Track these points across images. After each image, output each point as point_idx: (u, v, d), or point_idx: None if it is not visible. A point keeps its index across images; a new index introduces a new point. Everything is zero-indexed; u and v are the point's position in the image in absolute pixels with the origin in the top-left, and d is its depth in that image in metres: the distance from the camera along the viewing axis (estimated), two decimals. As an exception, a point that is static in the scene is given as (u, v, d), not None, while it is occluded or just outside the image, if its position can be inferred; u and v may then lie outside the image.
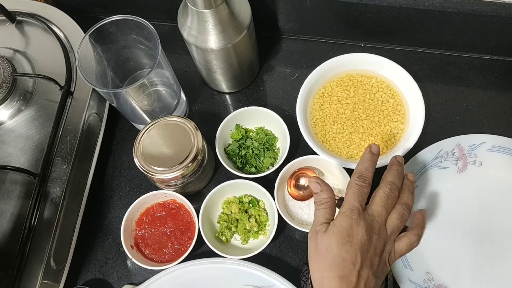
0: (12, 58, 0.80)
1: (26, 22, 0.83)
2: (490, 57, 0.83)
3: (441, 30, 0.79)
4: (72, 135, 0.74)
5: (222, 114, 0.81)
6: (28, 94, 0.78)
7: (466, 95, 0.80)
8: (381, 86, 0.77)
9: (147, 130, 0.70)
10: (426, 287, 0.69)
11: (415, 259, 0.70)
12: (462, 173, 0.74)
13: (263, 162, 0.76)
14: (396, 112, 0.76)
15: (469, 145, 0.74)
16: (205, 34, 0.69)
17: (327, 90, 0.78)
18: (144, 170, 0.68)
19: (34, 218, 0.69)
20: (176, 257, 0.71)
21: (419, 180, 0.73)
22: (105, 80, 0.75)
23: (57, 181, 0.72)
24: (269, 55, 0.87)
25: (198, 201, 0.75)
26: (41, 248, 0.68)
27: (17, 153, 0.74)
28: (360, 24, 0.81)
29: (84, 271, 0.76)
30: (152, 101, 0.75)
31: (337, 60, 0.77)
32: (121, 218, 0.72)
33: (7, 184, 0.72)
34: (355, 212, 0.56)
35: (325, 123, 0.76)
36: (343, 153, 0.74)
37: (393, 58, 0.76)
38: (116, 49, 0.74)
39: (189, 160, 0.68)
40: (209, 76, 0.80)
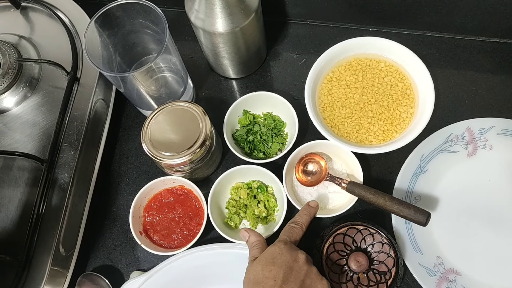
0: (17, 44, 0.80)
1: (31, 8, 0.83)
2: (500, 41, 0.82)
3: (450, 13, 0.78)
4: (79, 121, 0.74)
5: (229, 100, 0.81)
6: (34, 81, 0.78)
7: (476, 79, 0.80)
8: (390, 70, 0.77)
9: (154, 116, 0.69)
10: (437, 271, 0.68)
11: (425, 243, 0.70)
12: (472, 157, 0.74)
13: (271, 147, 0.76)
14: (405, 96, 0.75)
15: (479, 128, 0.74)
16: (212, 17, 0.68)
17: (335, 74, 0.77)
18: (152, 155, 0.68)
19: (43, 205, 0.69)
20: (185, 242, 0.71)
21: (429, 165, 0.73)
22: (112, 66, 0.74)
23: (65, 167, 0.72)
24: (276, 40, 0.86)
25: (206, 187, 0.75)
26: (49, 234, 0.68)
27: (24, 140, 0.74)
28: (368, 7, 0.80)
29: (93, 258, 0.76)
30: (159, 86, 0.75)
31: (346, 44, 0.76)
32: (129, 205, 0.72)
33: (14, 170, 0.72)
34: (281, 242, 0.61)
35: (334, 108, 0.76)
36: (352, 137, 0.74)
37: (401, 42, 0.75)
38: (122, 34, 0.73)
39: (198, 146, 0.67)
40: (216, 61, 0.79)
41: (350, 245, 0.68)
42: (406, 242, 0.70)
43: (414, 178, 0.73)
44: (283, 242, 0.61)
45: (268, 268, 0.57)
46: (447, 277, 0.68)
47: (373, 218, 0.73)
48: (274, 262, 0.58)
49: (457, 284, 0.68)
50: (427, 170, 0.73)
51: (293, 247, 0.60)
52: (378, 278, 0.66)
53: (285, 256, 0.58)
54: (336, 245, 0.67)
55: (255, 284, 0.57)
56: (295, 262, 0.58)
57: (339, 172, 0.75)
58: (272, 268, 0.57)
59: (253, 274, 0.58)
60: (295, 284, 0.56)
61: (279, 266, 0.57)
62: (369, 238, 0.67)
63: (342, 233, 0.68)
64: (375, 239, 0.67)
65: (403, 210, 0.64)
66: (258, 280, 0.57)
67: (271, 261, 0.58)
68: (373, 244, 0.67)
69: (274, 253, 0.59)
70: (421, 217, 0.63)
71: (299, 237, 0.63)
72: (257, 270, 0.58)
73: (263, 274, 0.57)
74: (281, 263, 0.58)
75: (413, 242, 0.70)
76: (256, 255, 0.62)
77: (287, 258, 0.58)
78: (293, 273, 0.57)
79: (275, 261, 0.58)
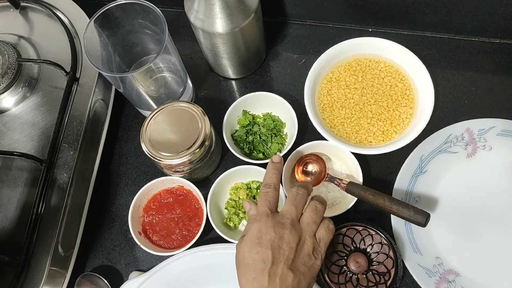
0: (16, 44, 0.79)
1: (30, 7, 0.83)
2: (500, 41, 0.82)
3: (450, 14, 0.78)
4: (78, 121, 0.74)
5: (229, 100, 0.81)
6: (33, 81, 0.78)
7: (476, 80, 0.80)
8: (390, 70, 0.77)
9: (154, 116, 0.69)
10: (436, 272, 0.68)
11: (425, 244, 0.70)
12: (472, 157, 0.74)
13: (271, 148, 0.76)
14: (405, 97, 0.75)
15: (479, 129, 0.74)
16: (212, 18, 0.68)
17: (335, 75, 0.77)
18: (151, 155, 0.67)
19: (42, 205, 0.69)
20: (184, 243, 0.71)
21: (428, 165, 0.73)
22: (111, 66, 0.74)
23: (64, 168, 0.71)
24: (276, 40, 0.86)
25: (205, 187, 0.75)
26: (48, 235, 0.68)
27: (23, 140, 0.74)
28: (368, 8, 0.80)
29: (92, 258, 0.76)
30: (158, 86, 0.75)
31: (345, 44, 0.76)
32: (128, 205, 0.72)
33: (13, 170, 0.72)
34: (263, 215, 0.58)
35: (333, 108, 0.76)
36: (352, 138, 0.74)
37: (401, 42, 0.75)
38: (122, 34, 0.73)
39: (197, 146, 0.67)
40: (216, 61, 0.79)
41: (349, 246, 0.67)
42: (405, 242, 0.70)
43: (413, 179, 0.73)
44: (265, 214, 0.58)
45: (255, 250, 0.56)
46: (446, 278, 0.68)
47: (373, 218, 0.73)
48: (260, 243, 0.56)
49: (456, 285, 0.68)
50: (426, 171, 0.73)
51: (276, 220, 0.58)
52: (377, 279, 0.66)
53: (270, 234, 0.56)
54: (335, 246, 0.67)
55: (245, 266, 0.56)
56: (281, 240, 0.56)
57: (338, 172, 0.75)
58: (258, 249, 0.55)
59: (241, 255, 0.57)
60: (285, 265, 0.55)
61: (265, 247, 0.55)
62: (368, 239, 0.67)
63: (341, 234, 0.68)
64: (374, 239, 0.67)
65: (402, 211, 0.64)
66: (247, 263, 0.56)
67: (256, 241, 0.56)
68: (372, 244, 0.67)
69: (260, 232, 0.57)
70: (421, 217, 0.63)
71: (276, 199, 0.61)
72: (245, 251, 0.56)
73: (250, 256, 0.56)
74: (267, 243, 0.56)
75: (412, 242, 0.70)
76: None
77: (272, 237, 0.56)
78: (281, 252, 0.55)
79: (261, 242, 0.56)
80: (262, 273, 0.54)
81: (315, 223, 0.59)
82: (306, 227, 0.58)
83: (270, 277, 0.54)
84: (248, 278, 0.55)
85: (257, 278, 0.54)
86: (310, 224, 0.59)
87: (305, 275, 0.56)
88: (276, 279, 0.54)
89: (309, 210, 0.60)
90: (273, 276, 0.54)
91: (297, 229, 0.58)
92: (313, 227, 0.59)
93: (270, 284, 0.54)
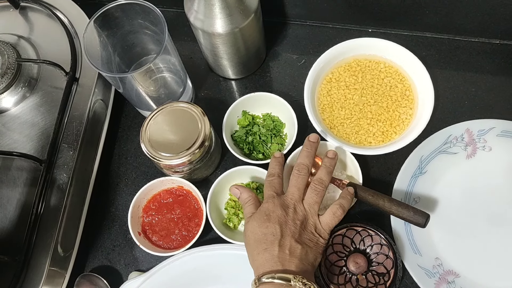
0: (16, 44, 0.79)
1: (30, 7, 0.83)
2: (500, 42, 0.82)
3: (450, 14, 0.78)
4: (78, 121, 0.74)
5: (229, 101, 0.81)
6: (33, 81, 0.78)
7: (475, 80, 0.80)
8: (390, 71, 0.77)
9: (153, 116, 0.69)
10: (436, 272, 0.68)
11: (424, 245, 0.70)
12: (471, 158, 0.73)
13: (270, 148, 0.76)
14: (404, 98, 0.75)
15: (479, 130, 0.74)
16: (212, 18, 0.68)
17: (334, 75, 0.77)
18: (151, 156, 0.67)
19: (41, 205, 0.69)
20: (183, 243, 0.71)
21: (428, 166, 0.73)
22: (111, 66, 0.74)
23: (63, 168, 0.71)
24: (276, 41, 0.86)
25: (205, 187, 0.75)
26: (48, 235, 0.68)
27: (22, 140, 0.74)
28: (368, 8, 0.80)
29: (91, 258, 0.76)
30: (158, 87, 0.75)
31: (345, 45, 0.76)
32: (128, 205, 0.72)
33: (13, 171, 0.72)
34: (270, 198, 0.63)
35: (333, 109, 0.76)
36: (351, 138, 0.74)
37: (401, 43, 0.75)
38: (121, 34, 0.73)
39: (196, 146, 0.67)
40: (216, 62, 0.79)
41: (349, 247, 0.67)
42: (405, 243, 0.70)
43: (413, 179, 0.73)
44: (272, 197, 0.63)
45: (265, 225, 0.60)
46: (446, 278, 0.68)
47: (372, 219, 0.73)
48: (268, 219, 0.61)
49: (456, 286, 0.68)
50: (426, 171, 0.73)
51: (282, 201, 0.62)
52: (376, 279, 0.65)
53: (278, 211, 0.61)
54: (335, 246, 0.67)
55: (256, 242, 0.60)
56: (287, 217, 0.61)
57: (338, 173, 0.74)
58: (268, 224, 0.60)
59: (251, 232, 0.61)
60: (292, 238, 0.60)
61: (274, 222, 0.60)
62: (368, 240, 0.67)
63: (340, 234, 0.68)
64: (374, 240, 0.67)
65: (402, 212, 0.64)
66: (258, 238, 0.60)
67: (265, 218, 0.61)
68: (372, 245, 0.67)
69: (268, 210, 0.61)
70: (420, 218, 0.63)
71: (281, 185, 0.65)
72: (254, 227, 0.61)
73: (260, 231, 0.60)
74: (275, 219, 0.60)
75: (412, 243, 0.70)
76: (252, 210, 0.63)
77: (279, 214, 0.61)
78: (288, 227, 0.60)
79: (270, 218, 0.61)
80: (273, 244, 0.59)
81: (317, 203, 0.63)
82: (308, 207, 0.63)
83: (281, 247, 0.59)
84: (259, 250, 0.59)
85: (268, 249, 0.59)
86: (312, 204, 0.63)
87: (311, 249, 0.61)
88: (286, 250, 0.59)
89: (310, 191, 0.64)
90: (283, 247, 0.59)
91: (301, 209, 0.63)
92: (315, 207, 0.63)
93: (280, 253, 0.58)
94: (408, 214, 0.64)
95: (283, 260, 0.58)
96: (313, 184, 0.64)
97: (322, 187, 0.64)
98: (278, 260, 0.58)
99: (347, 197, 0.65)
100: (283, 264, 0.58)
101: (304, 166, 0.65)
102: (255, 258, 0.60)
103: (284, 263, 0.58)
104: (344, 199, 0.65)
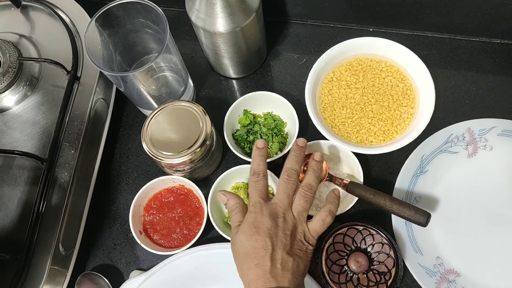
0: (17, 43, 0.79)
1: (32, 6, 0.83)
2: (501, 41, 0.82)
3: (451, 14, 0.78)
4: (79, 120, 0.74)
5: (230, 100, 0.81)
6: (34, 80, 0.78)
7: (476, 80, 0.80)
8: (391, 70, 0.77)
9: (155, 115, 0.69)
10: (437, 271, 0.68)
11: (425, 244, 0.70)
12: (473, 157, 0.74)
13: (272, 147, 0.76)
14: (405, 97, 0.75)
15: (480, 129, 0.74)
16: (213, 17, 0.68)
17: (336, 74, 0.77)
18: (152, 155, 0.67)
19: (42, 204, 0.69)
20: (185, 242, 0.71)
21: (429, 165, 0.73)
22: (112, 65, 0.74)
23: (65, 166, 0.71)
24: (277, 40, 0.86)
25: (206, 186, 0.75)
26: (49, 233, 0.68)
27: (24, 139, 0.74)
28: (369, 8, 0.80)
29: (93, 257, 0.76)
30: (159, 86, 0.75)
31: (346, 44, 0.76)
32: (129, 204, 0.72)
33: (14, 169, 0.72)
34: (257, 206, 0.60)
35: (334, 108, 0.76)
36: (353, 138, 0.74)
37: (402, 42, 0.75)
38: (123, 33, 0.73)
39: (198, 145, 0.67)
40: (217, 61, 0.79)
41: (350, 246, 0.68)
42: (406, 242, 0.70)
43: (414, 179, 0.73)
44: (259, 204, 0.60)
45: (254, 238, 0.58)
46: (446, 277, 0.68)
47: (373, 218, 0.73)
48: (258, 232, 0.58)
49: (456, 285, 0.68)
50: (427, 171, 0.73)
51: (271, 209, 0.60)
52: (378, 278, 0.66)
53: (267, 223, 0.58)
54: (336, 245, 0.67)
55: (246, 256, 0.58)
56: (277, 228, 0.59)
57: (339, 172, 0.75)
58: (257, 237, 0.58)
59: (240, 245, 0.59)
60: (283, 251, 0.57)
61: (263, 234, 0.58)
62: (369, 239, 0.67)
63: (342, 234, 0.68)
64: (375, 239, 0.67)
65: (403, 211, 0.64)
66: (247, 252, 0.58)
67: (254, 230, 0.58)
68: (373, 244, 0.67)
69: (256, 221, 0.59)
70: (421, 217, 0.63)
71: (266, 188, 0.63)
72: (243, 240, 0.58)
73: (250, 244, 0.58)
74: (265, 231, 0.58)
75: (413, 242, 0.70)
76: (239, 219, 0.61)
77: (268, 225, 0.58)
78: (278, 239, 0.58)
79: (259, 230, 0.58)
80: (264, 259, 0.56)
81: (306, 210, 0.61)
82: (297, 215, 0.61)
83: (272, 262, 0.56)
84: (250, 265, 0.57)
85: (260, 264, 0.56)
86: (301, 212, 0.61)
87: (301, 258, 0.59)
88: (278, 264, 0.57)
89: (299, 197, 0.62)
90: (274, 261, 0.57)
91: (290, 217, 0.60)
92: (304, 214, 0.61)
93: (272, 268, 0.56)
94: (409, 213, 0.64)
95: (275, 275, 0.56)
96: (302, 191, 0.62)
97: (311, 193, 0.62)
98: (271, 276, 0.56)
99: (334, 202, 0.64)
100: (277, 280, 0.56)
101: (293, 172, 0.63)
102: (246, 273, 0.58)
103: (277, 278, 0.56)
104: (332, 204, 0.63)
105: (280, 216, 0.60)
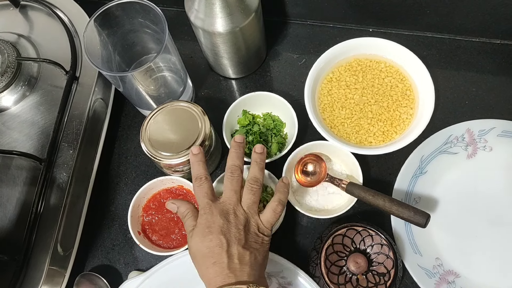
0: (16, 43, 0.79)
1: (30, 6, 0.82)
2: (501, 42, 0.81)
3: (451, 14, 0.78)
4: (78, 120, 0.74)
5: (229, 100, 0.81)
6: (33, 80, 0.78)
7: (476, 80, 0.79)
8: (390, 71, 0.76)
9: (153, 116, 0.69)
10: (436, 272, 0.68)
11: (425, 245, 0.70)
12: (472, 158, 0.73)
13: (271, 148, 0.76)
14: (405, 97, 0.75)
15: (479, 130, 0.74)
16: (212, 17, 0.68)
17: (335, 75, 0.77)
18: (151, 155, 0.67)
19: (41, 204, 0.69)
20: (183, 243, 0.71)
21: (428, 166, 0.73)
22: (111, 65, 0.74)
23: (63, 167, 0.71)
24: (276, 40, 0.86)
25: (205, 187, 0.74)
26: (48, 234, 0.68)
27: (22, 139, 0.74)
28: (368, 8, 0.80)
29: (91, 258, 0.76)
30: (158, 86, 0.75)
31: (346, 44, 0.76)
32: (128, 205, 0.72)
33: (12, 169, 0.72)
34: (207, 207, 0.61)
35: (334, 109, 0.75)
36: (352, 138, 0.74)
37: (402, 43, 0.75)
38: (122, 33, 0.73)
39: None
40: (216, 61, 0.79)
41: (349, 246, 0.67)
42: (405, 243, 0.70)
43: (413, 179, 0.73)
44: (208, 205, 0.61)
45: (208, 239, 0.58)
46: (446, 278, 0.68)
47: (372, 219, 0.73)
48: (210, 231, 0.58)
49: (456, 286, 0.68)
50: (426, 172, 0.73)
51: (220, 208, 0.61)
52: (377, 279, 0.65)
53: (218, 221, 0.59)
54: (335, 246, 0.67)
55: (203, 257, 0.58)
56: (229, 224, 0.59)
57: (338, 173, 0.74)
58: (211, 237, 0.58)
59: (196, 249, 0.59)
60: (239, 245, 0.58)
61: (216, 233, 0.58)
62: (368, 239, 0.67)
63: (341, 234, 0.67)
64: (374, 240, 0.67)
65: (402, 212, 0.64)
66: (204, 253, 0.58)
67: (207, 231, 0.59)
68: (372, 245, 0.67)
69: (207, 221, 0.59)
70: (421, 218, 0.63)
71: (212, 189, 0.63)
72: (198, 243, 0.59)
73: (204, 245, 0.58)
74: (217, 229, 0.58)
75: (412, 243, 0.70)
76: (192, 223, 0.61)
77: (220, 223, 0.59)
78: (232, 235, 0.59)
79: (211, 230, 0.58)
80: (221, 256, 0.57)
81: (255, 203, 0.62)
82: (247, 209, 0.62)
83: (229, 258, 0.57)
84: (208, 264, 0.57)
85: (217, 261, 0.57)
86: (251, 205, 0.62)
87: (258, 250, 0.60)
88: (235, 259, 0.57)
89: (246, 192, 0.63)
90: (231, 257, 0.57)
91: (241, 212, 0.61)
92: (254, 207, 0.62)
93: (230, 263, 0.57)
94: (408, 214, 0.64)
95: (234, 270, 0.56)
96: (249, 184, 0.63)
97: (257, 185, 0.63)
98: (230, 271, 0.56)
99: (284, 190, 0.64)
100: (235, 275, 0.56)
101: (236, 168, 0.63)
102: (205, 273, 0.58)
103: (236, 273, 0.56)
104: (282, 193, 0.64)
105: (231, 213, 0.60)
